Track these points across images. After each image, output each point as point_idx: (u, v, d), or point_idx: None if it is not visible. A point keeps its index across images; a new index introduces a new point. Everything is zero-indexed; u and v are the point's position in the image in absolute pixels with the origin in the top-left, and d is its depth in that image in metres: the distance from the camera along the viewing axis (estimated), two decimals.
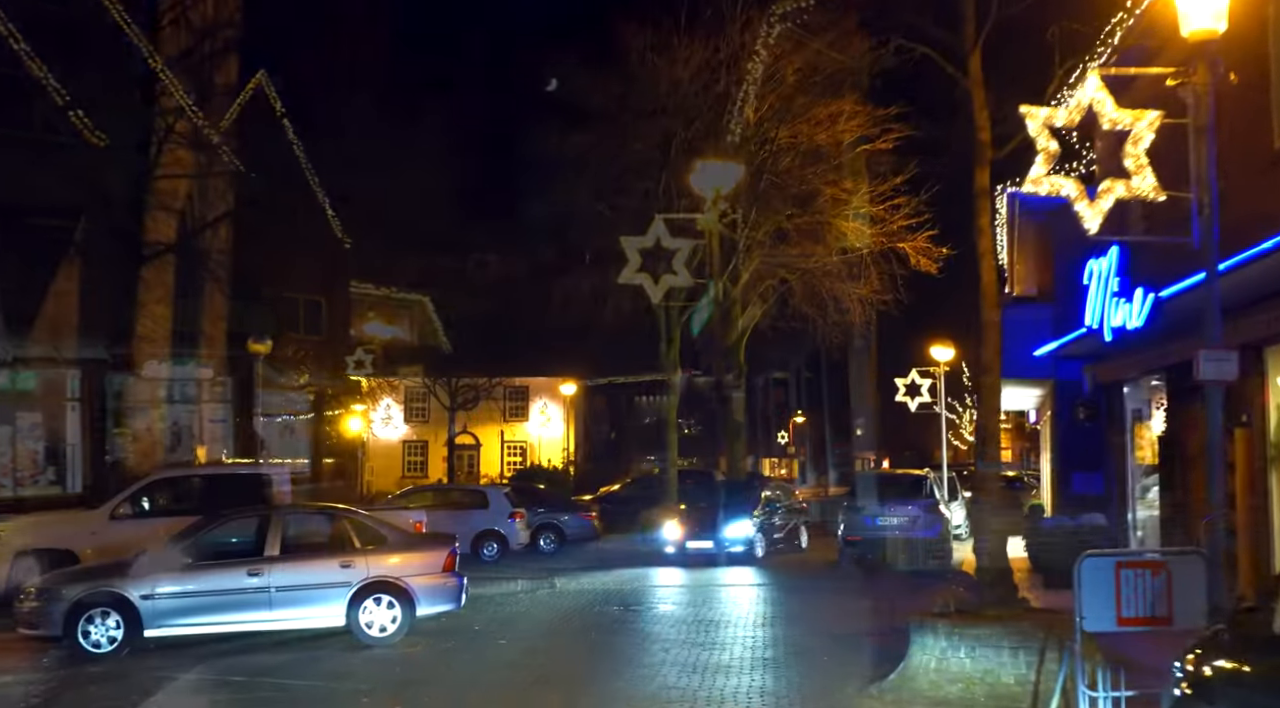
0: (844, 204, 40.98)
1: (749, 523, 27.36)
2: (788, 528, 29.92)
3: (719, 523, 27.23)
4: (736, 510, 27.87)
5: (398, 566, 16.24)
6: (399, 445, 65.63)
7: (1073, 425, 24.55)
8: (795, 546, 30.05)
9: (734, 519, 27.39)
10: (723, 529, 27.06)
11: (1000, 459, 12.97)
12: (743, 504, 28.37)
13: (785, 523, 29.83)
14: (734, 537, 27.06)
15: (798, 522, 30.82)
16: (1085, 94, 12.81)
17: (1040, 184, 13.25)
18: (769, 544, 28.13)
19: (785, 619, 17.87)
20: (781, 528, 29.46)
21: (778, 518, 29.41)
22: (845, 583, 22.74)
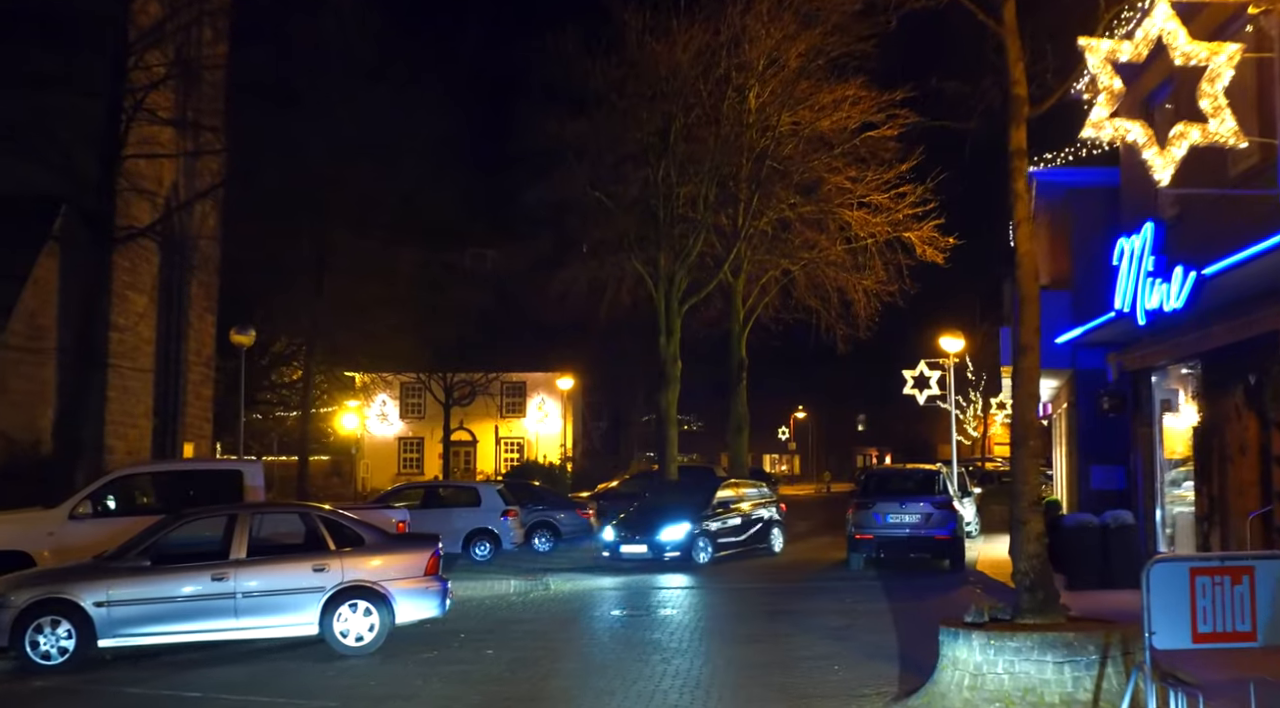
0: (848, 192, 39.73)
1: (686, 526, 25.05)
2: (753, 530, 27.38)
3: (654, 526, 25.15)
4: (676, 512, 25.68)
5: (376, 569, 14.86)
6: (395, 442, 64.38)
7: (1093, 417, 23.18)
8: (764, 549, 27.58)
9: (671, 522, 25.16)
10: (658, 533, 24.88)
11: (1039, 451, 11.48)
12: (686, 505, 26.16)
13: (748, 524, 27.24)
14: (670, 541, 24.83)
15: (769, 522, 28.08)
16: (1153, 24, 11.41)
17: (1102, 128, 11.85)
18: (718, 548, 25.80)
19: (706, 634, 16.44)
20: (741, 530, 26.92)
21: (735, 519, 26.86)
22: (788, 600, 21.13)
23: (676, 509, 25.90)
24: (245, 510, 15.12)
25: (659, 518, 25.48)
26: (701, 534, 25.45)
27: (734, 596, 20.53)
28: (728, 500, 27.14)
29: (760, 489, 29.65)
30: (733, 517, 26.85)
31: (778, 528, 28.32)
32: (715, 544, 25.68)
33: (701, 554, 25.22)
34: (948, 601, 19.59)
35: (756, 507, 27.99)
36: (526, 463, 45.39)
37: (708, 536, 25.59)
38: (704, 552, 25.28)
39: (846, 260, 40.20)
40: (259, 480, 18.05)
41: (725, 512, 26.70)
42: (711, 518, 26.01)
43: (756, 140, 37.60)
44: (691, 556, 24.96)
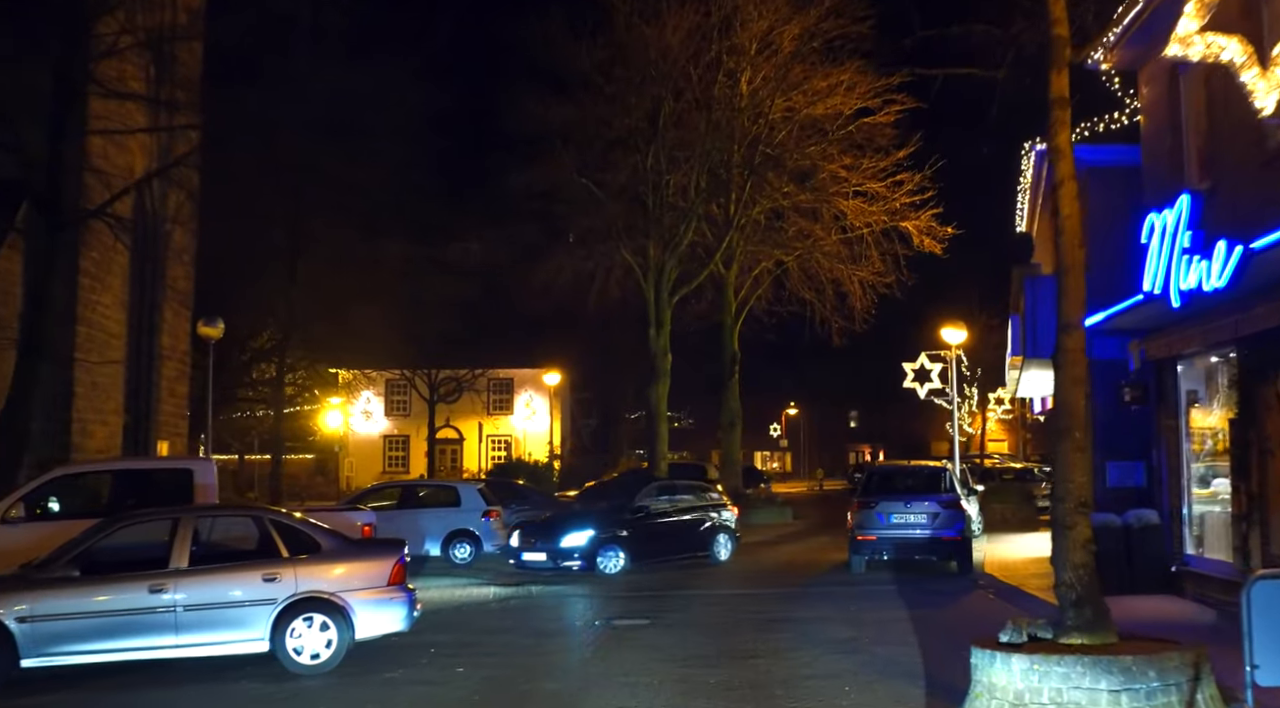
0: (843, 181, 38.25)
1: (588, 533, 22.63)
2: (687, 537, 24.49)
3: (558, 532, 22.90)
4: (585, 517, 23.54)
5: (334, 578, 13.27)
6: (380, 440, 62.79)
7: (1109, 411, 21.61)
8: (703, 558, 24.60)
9: (575, 528, 22.86)
10: (560, 539, 22.64)
11: (1085, 444, 9.93)
12: (606, 509, 24.09)
13: (678, 531, 24.36)
14: (570, 548, 22.49)
15: (711, 529, 25.01)
16: None
17: (1190, 44, 10.36)
18: (638, 557, 23.02)
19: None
20: (668, 536, 24.06)
21: (660, 525, 24.13)
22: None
23: (588, 514, 23.82)
24: (187, 514, 13.50)
25: (568, 523, 23.36)
26: (610, 541, 22.78)
27: (727, 603, 18.97)
28: (650, 505, 24.44)
29: (703, 492, 26.73)
30: (658, 522, 24.19)
31: (724, 535, 25.16)
32: (632, 552, 22.88)
33: (610, 564, 22.56)
34: (961, 607, 18.07)
35: (694, 511, 25.12)
36: (511, 461, 43.67)
37: (619, 543, 22.85)
38: (613, 561, 22.61)
39: (842, 251, 38.75)
40: (211, 479, 16.45)
41: (648, 517, 24.08)
42: (628, 524, 23.39)
43: (749, 127, 36.10)
44: (596, 565, 22.42)
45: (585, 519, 23.32)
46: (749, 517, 36.96)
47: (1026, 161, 22.56)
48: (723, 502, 26.71)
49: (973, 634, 15.03)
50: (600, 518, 23.48)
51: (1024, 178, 23.57)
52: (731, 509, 26.71)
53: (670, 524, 24.48)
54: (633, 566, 22.80)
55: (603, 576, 22.24)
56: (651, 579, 21.99)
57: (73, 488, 16.72)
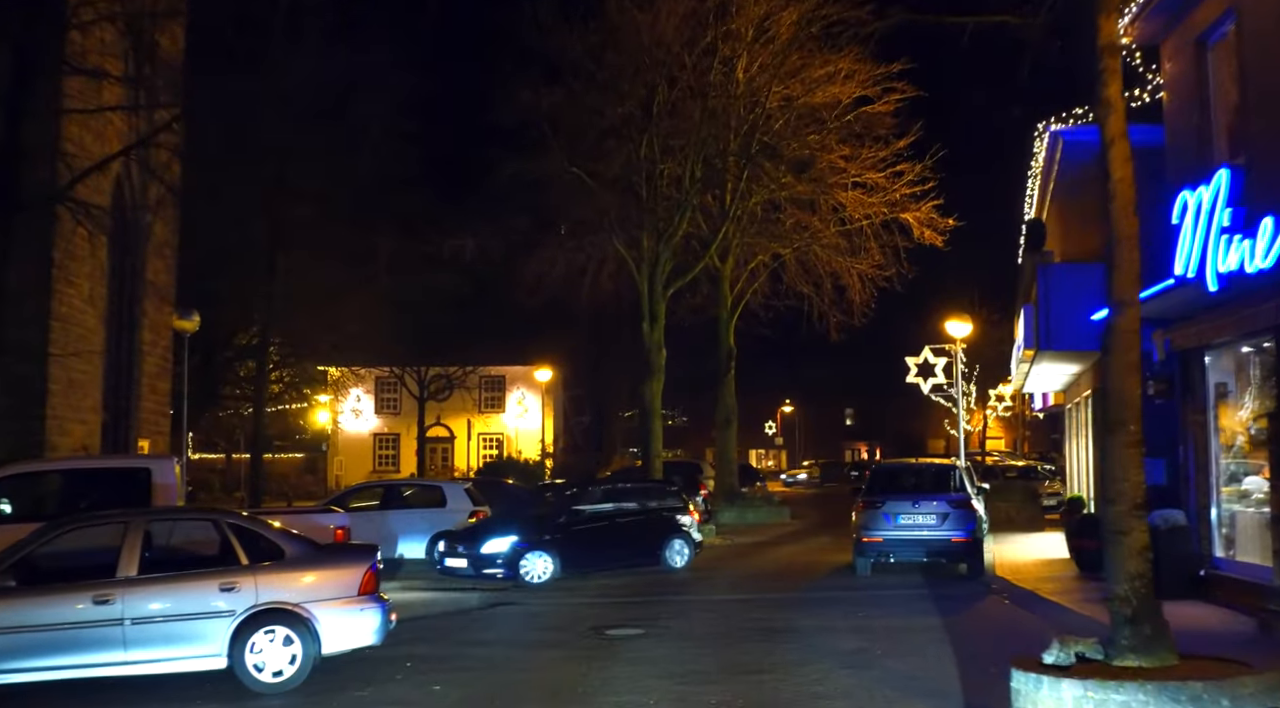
0: (842, 172, 37.06)
1: (511, 538, 21.01)
2: (632, 543, 22.50)
3: (482, 536, 21.31)
4: (506, 521, 22.00)
5: (298, 588, 12.05)
6: (369, 438, 61.54)
7: None
8: (651, 566, 22.50)
9: (499, 532, 21.32)
10: (481, 544, 21.05)
11: (1139, 439, 8.70)
12: (524, 513, 22.68)
13: (620, 536, 22.42)
14: (492, 554, 20.88)
15: (665, 533, 22.90)
16: None
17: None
18: (571, 564, 21.30)
19: None
20: (608, 542, 22.16)
21: (600, 529, 22.28)
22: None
23: (515, 517, 22.21)
24: (137, 517, 12.24)
25: (493, 526, 21.77)
26: (537, 547, 21.08)
27: (725, 610, 17.75)
28: (587, 508, 22.64)
29: (657, 494, 24.30)
30: (596, 526, 22.29)
31: (679, 541, 22.92)
32: (564, 559, 21.16)
33: (535, 571, 20.87)
34: (977, 614, 16.86)
35: (642, 514, 23.06)
36: (501, 459, 42.35)
37: (547, 548, 21.13)
38: (539, 568, 20.92)
39: (841, 243, 37.55)
40: (170, 478, 15.19)
41: (584, 521, 22.26)
42: (559, 528, 21.70)
43: (745, 116, 34.82)
44: (518, 573, 20.78)
45: (510, 523, 21.70)
46: (745, 517, 35.82)
47: (1039, 144, 21.38)
48: (680, 505, 23.98)
49: (993, 644, 13.89)
50: (527, 522, 21.77)
51: (1035, 162, 22.38)
52: (692, 513, 23.97)
53: (611, 529, 22.44)
54: (564, 574, 21.06)
55: (528, 585, 20.55)
56: (629, 583, 20.78)
57: (18, 489, 15.43)
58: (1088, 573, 20.14)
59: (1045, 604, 17.23)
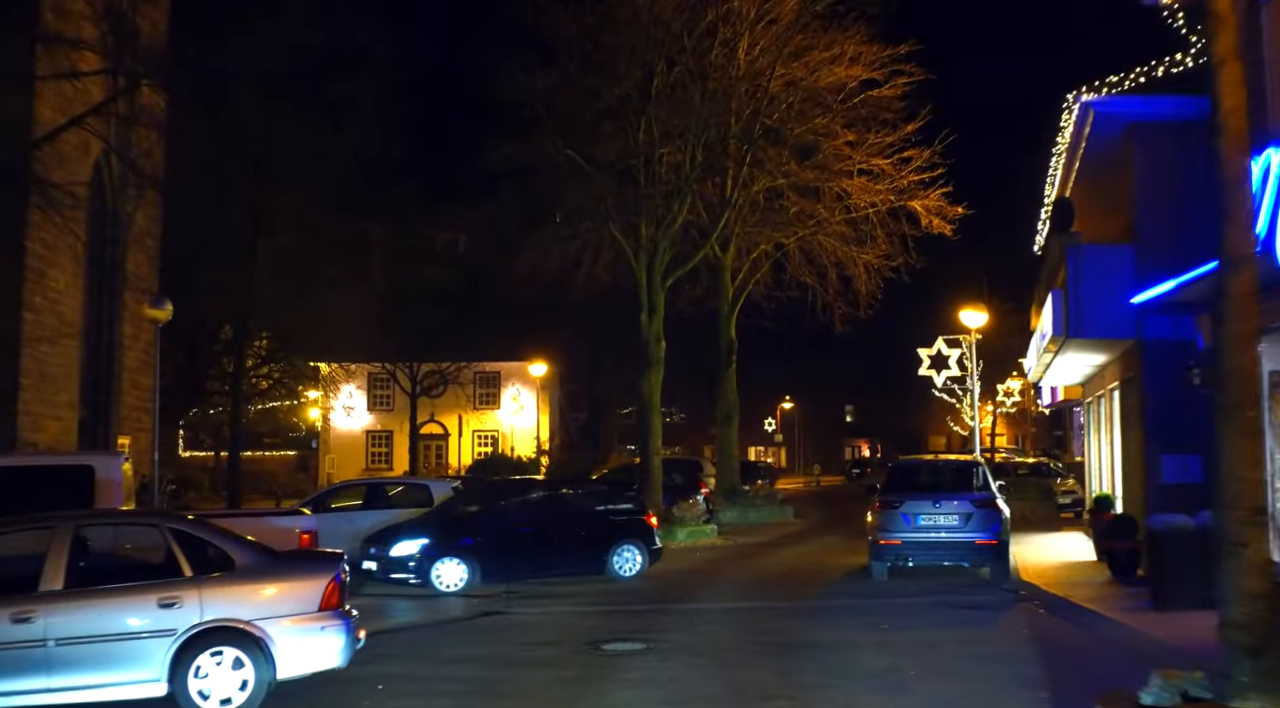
0: (847, 158, 35.44)
1: (421, 541, 19.08)
2: (572, 548, 20.17)
3: (392, 537, 19.39)
4: (423, 522, 20.05)
5: (250, 602, 10.43)
6: (362, 435, 59.81)
7: (1164, 397, 18.89)
8: (596, 572, 20.24)
9: (409, 534, 19.41)
10: (391, 546, 19.14)
11: (1258, 427, 7.03)
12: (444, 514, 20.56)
13: (554, 540, 20.01)
14: (401, 556, 19.00)
15: (610, 537, 20.49)
16: None
17: None
18: (493, 571, 19.22)
19: None
20: (540, 546, 19.76)
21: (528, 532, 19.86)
22: None
23: (432, 518, 20.26)
24: (65, 522, 10.58)
25: (408, 528, 19.78)
26: (450, 552, 19.01)
27: (733, 620, 16.11)
28: (515, 509, 20.35)
29: (608, 496, 21.89)
30: (525, 530, 19.90)
31: (630, 548, 20.48)
32: (483, 565, 19.15)
33: (447, 577, 18.92)
34: (1012, 626, 15.24)
35: (585, 517, 20.68)
36: (493, 456, 40.58)
37: (462, 553, 19.08)
38: (452, 574, 18.96)
39: (846, 232, 35.91)
40: (116, 476, 13.56)
41: (511, 523, 19.93)
42: (480, 530, 19.52)
43: (746, 100, 33.13)
44: (429, 578, 18.86)
45: (427, 525, 19.77)
46: (747, 516, 34.21)
47: (1066, 117, 19.73)
48: (634, 507, 21.31)
49: (1038, 663, 12.26)
50: (443, 523, 19.75)
51: (1061, 137, 20.73)
52: (648, 518, 21.23)
53: (545, 533, 20.01)
54: (483, 582, 19.04)
55: (439, 592, 18.70)
56: (658, 586, 19.16)
57: None
58: (1121, 577, 18.56)
59: (1084, 613, 15.63)
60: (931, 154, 34.09)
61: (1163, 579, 15.43)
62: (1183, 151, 19.04)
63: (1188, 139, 18.85)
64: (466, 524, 19.76)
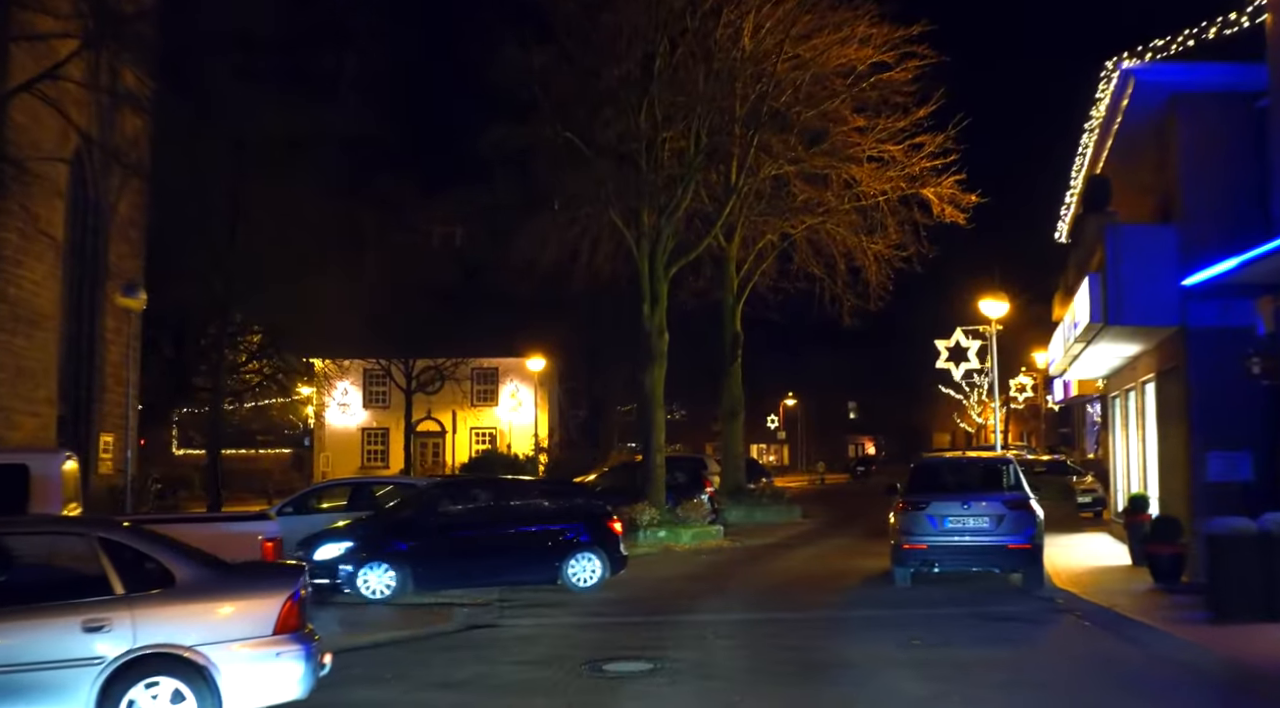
0: (856, 145, 33.82)
1: (344, 545, 17.34)
2: (516, 556, 18.06)
3: (318, 541, 17.61)
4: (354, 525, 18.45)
5: (193, 625, 8.86)
6: (357, 433, 58.16)
7: (1210, 389, 17.34)
8: (557, 582, 18.20)
9: (335, 537, 17.72)
10: (315, 550, 17.33)
11: None
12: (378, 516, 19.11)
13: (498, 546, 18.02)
14: (324, 561, 17.16)
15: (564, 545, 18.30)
16: None
17: None
18: (424, 580, 17.43)
19: None
20: (478, 553, 17.87)
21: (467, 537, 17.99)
22: None
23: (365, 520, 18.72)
24: None
25: (337, 531, 18.12)
26: (379, 557, 17.28)
27: (748, 635, 14.53)
28: (455, 510, 18.44)
29: (564, 496, 19.77)
30: (466, 534, 18.02)
31: (587, 556, 18.31)
32: (417, 572, 17.39)
33: (374, 585, 17.20)
34: (1059, 643, 13.67)
35: (535, 520, 18.58)
36: (487, 454, 38.84)
37: (393, 559, 17.33)
38: (380, 581, 17.23)
39: (855, 221, 34.28)
40: (54, 474, 11.99)
41: (449, 526, 18.00)
42: (414, 534, 17.70)
43: (752, 84, 31.47)
44: (355, 585, 17.15)
45: (353, 528, 18.11)
46: (753, 516, 32.62)
47: (1103, 87, 18.13)
48: (595, 510, 19.00)
49: (1098, 690, 10.71)
50: (374, 527, 18.11)
51: (1095, 110, 19.11)
52: (611, 523, 18.84)
53: (487, 538, 18.06)
54: (416, 589, 17.35)
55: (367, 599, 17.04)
56: (630, 596, 17.57)
57: None
58: (1164, 584, 17.00)
59: (1133, 626, 14.05)
60: (945, 139, 32.48)
61: (1223, 588, 13.84)
62: (1230, 124, 17.53)
63: (1236, 110, 17.34)
64: (399, 528, 17.99)
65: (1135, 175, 20.89)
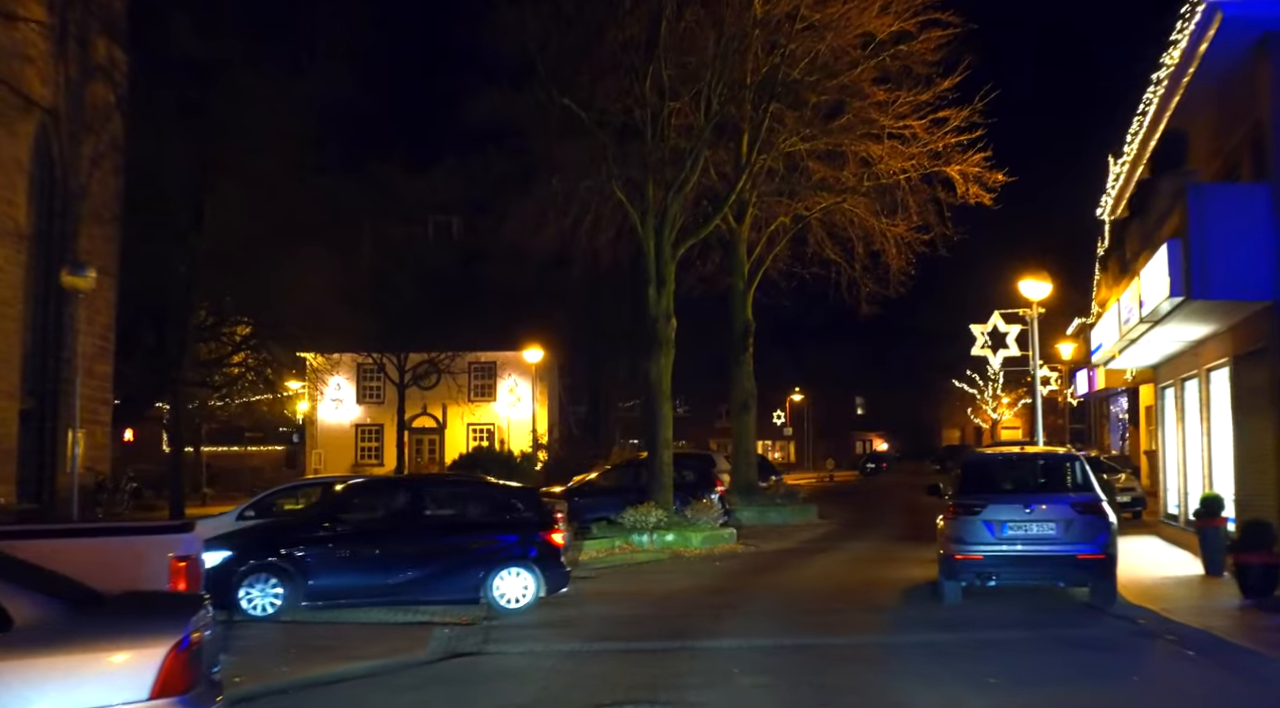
0: (872, 122, 31.18)
1: (220, 555, 14.42)
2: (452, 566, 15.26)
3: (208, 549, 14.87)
4: (239, 533, 16.20)
5: (32, 689, 6.20)
6: (351, 429, 55.52)
7: None
8: (480, 601, 15.21)
9: (210, 547, 14.06)
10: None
11: None
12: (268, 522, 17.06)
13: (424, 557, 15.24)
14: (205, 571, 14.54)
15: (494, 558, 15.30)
16: None
17: None
18: (318, 593, 14.87)
19: None
20: (401, 564, 15.16)
21: (379, 547, 15.21)
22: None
23: (264, 527, 16.49)
24: None
25: (229, 537, 15.58)
26: (262, 569, 14.72)
27: (779, 666, 11.88)
28: (354, 516, 15.72)
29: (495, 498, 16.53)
30: (368, 544, 15.21)
31: (524, 571, 15.27)
32: (307, 587, 14.83)
33: (258, 601, 14.66)
34: (1163, 677, 11.05)
35: (455, 528, 15.71)
36: (478, 451, 35.93)
37: (278, 572, 14.75)
38: (263, 597, 14.68)
39: (874, 202, 31.65)
40: None
41: (347, 534, 15.27)
42: (304, 541, 15.08)
43: (764, 58, 28.81)
44: (234, 600, 14.43)
45: (236, 535, 15.57)
46: (766, 517, 29.95)
47: (1182, 25, 15.48)
48: (530, 518, 15.74)
49: None
50: (260, 534, 15.84)
51: (1169, 55, 16.44)
52: (549, 535, 15.55)
53: (394, 547, 15.23)
54: (308, 605, 14.79)
55: (249, 616, 14.41)
56: (638, 613, 14.91)
57: None
58: (1256, 599, 14.37)
59: (1246, 656, 11.42)
60: (970, 113, 29.82)
61: None
62: None
63: None
64: (290, 534, 15.42)
65: (1199, 138, 18.26)
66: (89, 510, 34.54)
